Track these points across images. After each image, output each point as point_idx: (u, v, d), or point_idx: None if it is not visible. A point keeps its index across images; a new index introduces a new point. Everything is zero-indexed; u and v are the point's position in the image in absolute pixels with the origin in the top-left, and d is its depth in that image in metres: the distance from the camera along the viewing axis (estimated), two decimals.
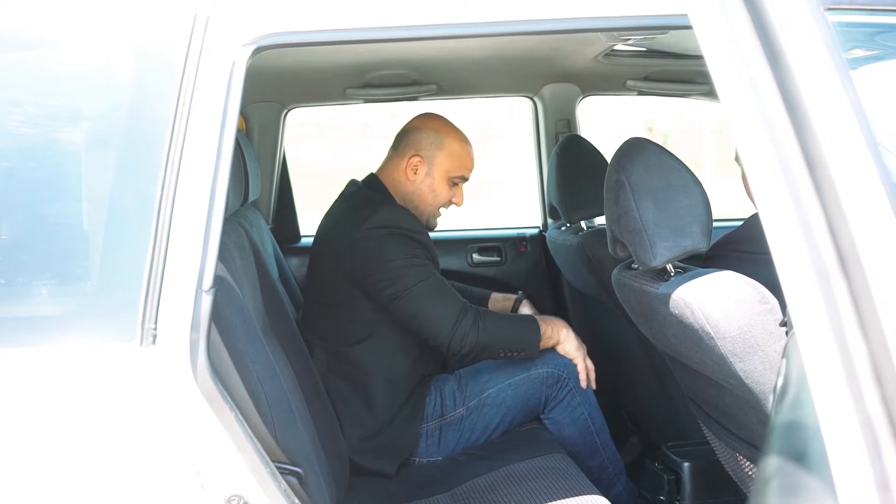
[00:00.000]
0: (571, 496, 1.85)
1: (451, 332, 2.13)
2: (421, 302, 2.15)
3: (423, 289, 2.15)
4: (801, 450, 0.71)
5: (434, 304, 2.15)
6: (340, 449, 2.07)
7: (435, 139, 2.36)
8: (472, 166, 2.41)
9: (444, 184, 2.36)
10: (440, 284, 2.19)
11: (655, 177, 1.68)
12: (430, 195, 2.36)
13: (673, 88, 3.05)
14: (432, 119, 2.41)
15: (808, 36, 0.92)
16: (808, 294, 0.72)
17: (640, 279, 1.79)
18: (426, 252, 2.23)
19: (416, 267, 2.17)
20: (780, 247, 0.77)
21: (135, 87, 1.32)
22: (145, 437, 1.23)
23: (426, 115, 2.45)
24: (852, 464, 0.63)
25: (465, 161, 2.38)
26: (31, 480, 1.22)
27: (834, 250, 0.71)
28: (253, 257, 1.96)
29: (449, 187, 2.38)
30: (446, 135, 2.37)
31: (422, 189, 2.36)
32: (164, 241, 1.23)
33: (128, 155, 1.29)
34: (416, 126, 2.40)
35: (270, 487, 1.29)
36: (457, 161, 2.37)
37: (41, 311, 1.28)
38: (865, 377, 0.66)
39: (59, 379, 1.22)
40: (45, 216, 1.30)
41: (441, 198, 2.38)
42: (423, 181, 2.35)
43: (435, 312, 2.14)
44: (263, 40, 1.32)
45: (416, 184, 2.35)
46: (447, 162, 2.36)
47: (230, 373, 1.33)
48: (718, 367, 1.62)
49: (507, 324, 2.24)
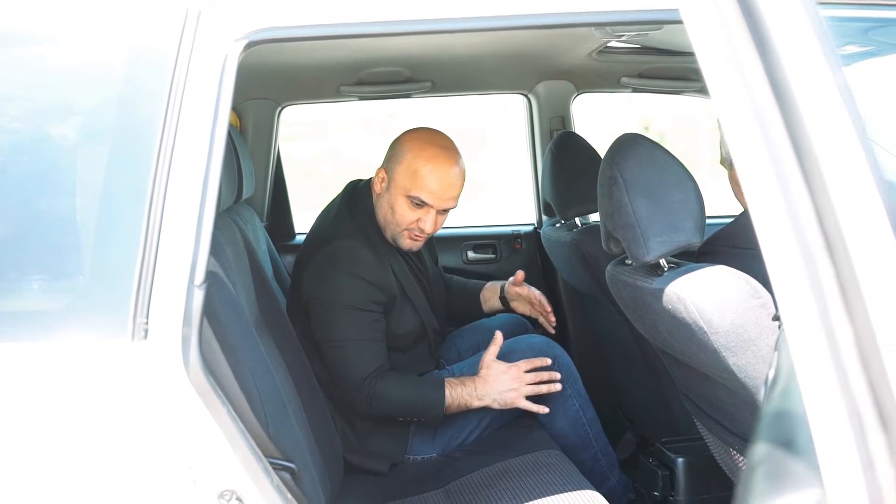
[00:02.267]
0: (565, 491, 1.85)
1: (356, 392, 2.14)
2: (342, 356, 2.15)
3: (349, 346, 2.15)
4: (789, 437, 0.71)
5: (351, 363, 2.14)
6: (335, 446, 2.07)
7: (400, 153, 2.23)
8: (435, 190, 2.18)
9: (403, 202, 2.20)
10: (367, 346, 2.16)
11: (649, 172, 1.68)
12: (388, 211, 2.24)
13: (667, 85, 3.05)
14: (412, 133, 2.29)
15: (799, 30, 0.93)
16: (794, 279, 0.72)
17: (634, 274, 1.79)
18: (371, 293, 2.18)
19: (355, 316, 2.15)
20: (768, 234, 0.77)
21: (127, 81, 1.32)
22: (137, 432, 1.23)
23: (415, 128, 2.32)
24: (838, 447, 0.63)
25: (423, 182, 2.17)
26: (23, 476, 1.22)
27: (821, 236, 0.71)
28: (246, 254, 1.96)
29: (410, 208, 2.20)
30: (410, 150, 2.21)
31: (382, 203, 2.25)
32: (155, 236, 1.23)
33: (119, 149, 1.29)
34: (397, 138, 2.31)
35: (263, 482, 1.28)
36: (412, 179, 2.18)
37: (32, 306, 1.28)
38: (851, 361, 0.66)
39: (51, 374, 1.22)
40: (37, 211, 1.30)
41: (401, 217, 2.22)
42: (384, 195, 2.25)
43: (349, 371, 2.14)
44: (255, 35, 1.32)
45: (380, 196, 2.27)
46: (403, 178, 2.19)
47: (222, 368, 1.33)
48: (711, 361, 1.62)
49: (407, 396, 2.17)
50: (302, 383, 1.95)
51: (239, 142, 2.39)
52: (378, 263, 2.22)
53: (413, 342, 2.35)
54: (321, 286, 2.17)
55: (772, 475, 0.67)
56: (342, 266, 2.17)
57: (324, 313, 2.16)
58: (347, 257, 2.19)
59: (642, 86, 3.06)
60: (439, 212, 2.24)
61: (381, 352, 2.18)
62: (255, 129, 3.23)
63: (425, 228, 2.23)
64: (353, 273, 2.16)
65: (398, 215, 2.23)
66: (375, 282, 2.19)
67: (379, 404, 2.14)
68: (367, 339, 2.16)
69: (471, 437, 2.30)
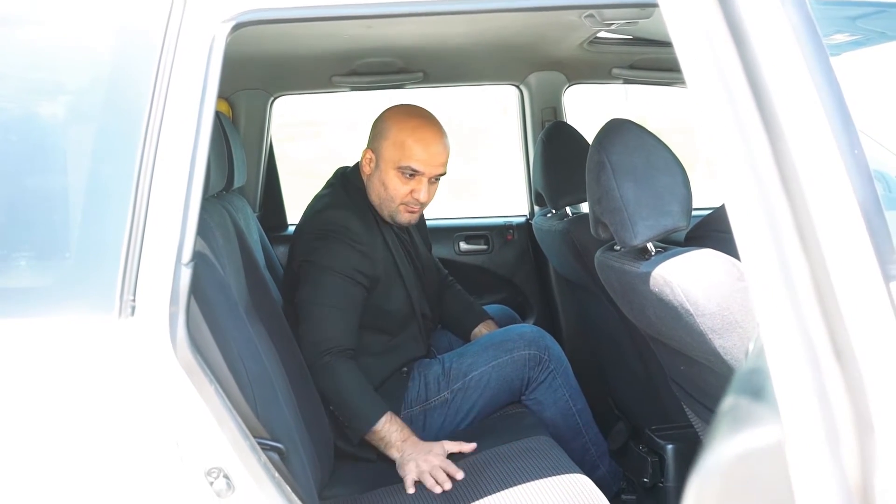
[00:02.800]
0: (554, 475, 1.86)
1: (313, 356, 2.11)
2: (314, 317, 2.14)
3: (324, 310, 2.14)
4: (755, 389, 0.72)
5: (319, 326, 2.13)
6: (325, 431, 2.07)
7: (383, 129, 2.27)
8: (424, 158, 2.22)
9: (394, 176, 2.24)
10: (339, 314, 2.15)
11: (636, 156, 1.69)
12: (381, 188, 2.27)
13: (658, 77, 3.06)
14: (393, 108, 2.33)
15: (775, 19, 0.93)
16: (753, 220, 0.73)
17: (622, 259, 1.80)
18: (358, 263, 2.19)
19: (336, 282, 2.15)
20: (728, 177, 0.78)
21: (114, 62, 1.32)
22: (124, 409, 1.23)
23: (393, 106, 2.36)
24: (794, 380, 0.65)
25: (412, 151, 2.22)
26: (10, 453, 1.23)
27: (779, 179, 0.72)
28: (237, 240, 1.96)
29: (401, 180, 2.24)
30: (394, 124, 2.26)
31: (374, 182, 2.29)
32: (143, 214, 1.23)
33: (107, 129, 1.30)
34: (378, 116, 2.34)
35: (251, 461, 1.29)
36: (400, 150, 2.22)
37: (19, 283, 1.29)
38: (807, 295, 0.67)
39: (38, 350, 1.23)
40: (24, 189, 1.31)
41: (394, 191, 2.25)
42: (374, 174, 2.28)
43: (313, 333, 2.12)
44: (243, 16, 1.32)
45: (370, 177, 2.30)
46: (391, 152, 2.24)
47: (210, 347, 1.34)
48: (698, 344, 1.63)
49: (351, 392, 2.11)
50: (292, 369, 1.96)
51: (231, 131, 2.40)
52: (368, 235, 2.25)
53: (402, 323, 2.35)
54: (313, 251, 2.19)
55: (734, 420, 0.68)
56: (336, 233, 2.20)
57: (311, 275, 2.17)
58: (340, 225, 2.22)
59: (633, 77, 3.07)
60: (430, 180, 2.27)
61: (351, 325, 2.17)
62: (247, 119, 3.23)
63: (420, 198, 2.26)
64: (346, 240, 2.19)
65: (391, 189, 2.26)
66: (364, 251, 2.21)
67: (326, 379, 2.10)
68: (341, 309, 2.16)
69: (462, 425, 2.31)
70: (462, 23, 2.43)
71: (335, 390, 2.12)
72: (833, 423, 0.62)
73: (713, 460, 0.64)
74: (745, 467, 0.64)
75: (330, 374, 2.12)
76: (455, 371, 2.31)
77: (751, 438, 0.66)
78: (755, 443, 0.65)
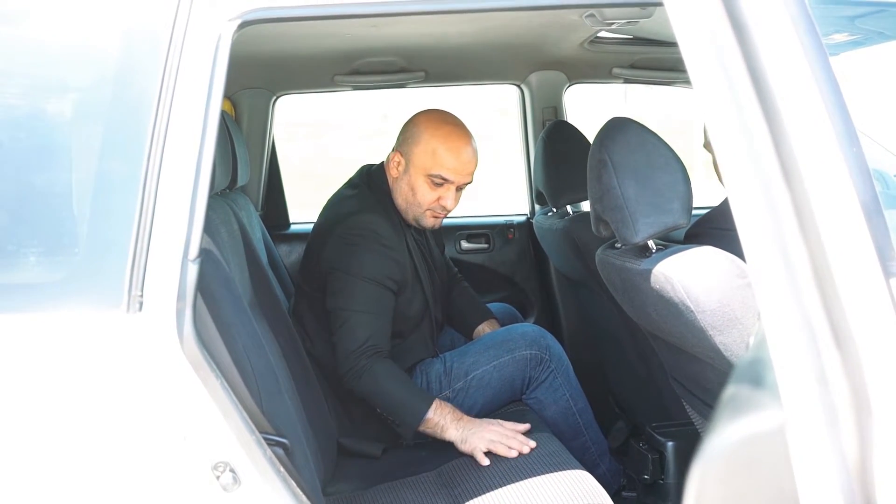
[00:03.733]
0: (555, 471, 1.88)
1: (351, 361, 2.12)
2: (348, 325, 2.14)
3: (358, 317, 2.14)
4: (756, 377, 0.74)
5: (353, 333, 2.13)
6: (329, 428, 2.09)
7: (415, 134, 2.28)
8: (455, 166, 2.25)
9: (423, 182, 2.26)
10: (374, 319, 2.16)
11: (637, 154, 1.70)
12: (409, 193, 2.29)
13: (659, 76, 3.07)
14: (425, 114, 2.34)
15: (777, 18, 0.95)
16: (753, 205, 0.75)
17: (623, 257, 1.82)
18: (390, 269, 2.20)
19: (369, 289, 2.16)
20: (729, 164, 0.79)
21: (121, 60, 1.33)
22: (131, 404, 1.24)
23: (426, 110, 2.37)
24: (794, 364, 0.66)
25: (443, 160, 2.23)
26: (16, 449, 1.24)
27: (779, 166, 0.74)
28: (241, 236, 1.98)
29: (430, 187, 2.26)
30: (426, 130, 2.27)
31: (402, 186, 2.30)
32: (150, 210, 1.24)
33: (115, 125, 1.31)
34: (409, 120, 2.35)
35: (256, 455, 1.30)
36: (432, 158, 2.24)
37: (29, 279, 1.30)
38: (806, 281, 0.68)
39: (46, 345, 1.23)
40: (34, 185, 1.32)
41: (421, 197, 2.27)
42: (402, 178, 2.30)
43: (348, 340, 2.13)
44: (249, 15, 1.33)
45: (397, 180, 2.31)
46: (422, 159, 2.25)
47: (216, 342, 1.35)
48: (699, 341, 1.64)
49: (394, 389, 2.12)
50: (295, 365, 1.97)
51: (234, 129, 2.41)
52: (397, 240, 2.26)
53: (416, 325, 2.36)
54: (345, 258, 2.18)
55: (736, 407, 0.69)
56: (367, 239, 2.20)
57: (343, 284, 2.16)
58: (372, 231, 2.22)
59: (634, 76, 3.08)
60: (458, 188, 2.29)
61: (384, 329, 2.18)
62: (249, 118, 3.24)
63: (447, 206, 2.29)
64: (378, 246, 2.20)
65: (419, 196, 2.28)
66: (395, 257, 2.22)
67: (367, 383, 2.11)
68: (375, 314, 2.17)
69: None
70: (464, 22, 2.44)
71: (379, 392, 2.12)
72: (832, 406, 0.64)
73: (715, 446, 0.65)
74: (746, 451, 0.65)
75: (370, 377, 2.11)
76: (457, 370, 2.32)
77: (752, 423, 0.67)
78: (756, 427, 0.66)
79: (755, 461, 0.65)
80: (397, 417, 2.13)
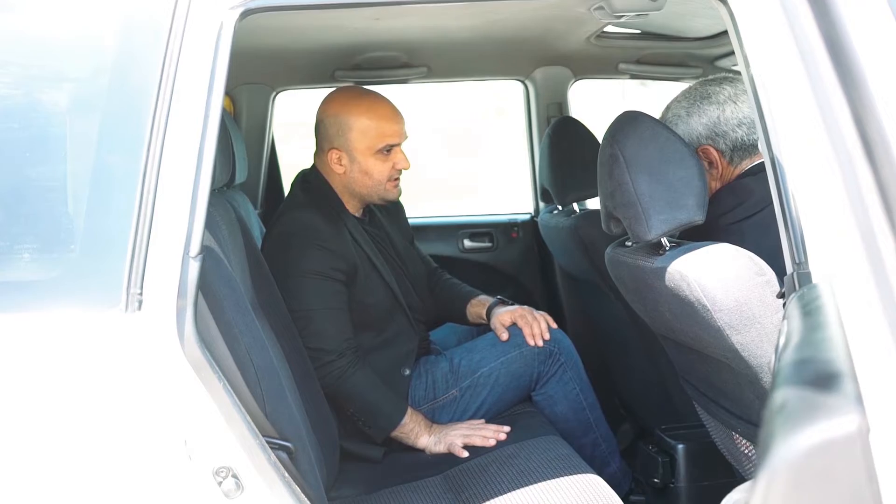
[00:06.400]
0: (565, 475, 1.83)
1: (327, 365, 2.10)
2: (311, 328, 2.11)
3: (316, 316, 2.12)
4: (812, 380, 0.69)
5: (320, 334, 2.12)
6: (331, 430, 2.04)
7: (340, 125, 2.24)
8: (395, 129, 2.24)
9: (374, 160, 2.24)
10: (333, 315, 2.14)
11: (650, 149, 1.65)
12: (366, 178, 2.26)
13: (665, 72, 3.03)
14: (331, 102, 2.29)
15: None
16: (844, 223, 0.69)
17: (635, 255, 1.77)
18: (332, 261, 2.17)
19: (318, 284, 2.14)
20: None
21: (120, 49, 1.29)
22: (131, 407, 1.20)
23: (326, 99, 2.32)
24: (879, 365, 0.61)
25: (381, 129, 2.22)
26: (13, 451, 1.19)
27: None
28: (241, 233, 1.93)
29: (382, 160, 2.24)
30: (349, 114, 2.23)
31: (355, 176, 2.26)
32: (150, 205, 1.20)
33: (113, 117, 1.26)
34: (320, 117, 2.30)
35: (260, 460, 1.26)
36: (371, 134, 2.22)
37: (23, 276, 1.25)
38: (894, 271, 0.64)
39: (42, 346, 1.19)
40: (27, 179, 1.27)
41: (379, 174, 2.26)
42: (352, 168, 2.25)
43: (318, 342, 2.11)
44: (252, 3, 1.30)
45: (348, 174, 2.27)
46: (362, 140, 2.23)
47: (218, 342, 1.30)
48: (715, 341, 1.60)
49: (371, 394, 2.14)
50: (297, 365, 1.92)
51: (232, 126, 2.36)
52: (334, 231, 2.21)
53: (388, 316, 2.30)
54: (280, 257, 2.16)
55: (797, 414, 0.64)
56: (300, 236, 2.18)
57: (292, 284, 2.14)
58: (300, 227, 2.20)
59: (640, 72, 3.05)
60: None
61: (346, 323, 2.16)
62: (249, 114, 3.20)
63: (404, 167, 2.29)
64: (308, 240, 2.17)
65: (377, 174, 2.26)
66: (332, 248, 2.18)
67: (345, 386, 2.11)
68: (331, 309, 2.15)
69: None
70: (468, 16, 2.40)
71: (353, 396, 2.13)
72: None
73: (781, 456, 0.61)
74: (820, 459, 0.60)
75: (345, 381, 2.11)
76: (464, 368, 2.28)
77: (824, 430, 0.62)
78: (830, 433, 0.61)
79: (830, 469, 0.61)
80: (371, 421, 2.14)
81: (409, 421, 2.14)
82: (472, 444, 2.09)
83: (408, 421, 2.14)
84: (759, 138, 1.37)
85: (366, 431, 2.16)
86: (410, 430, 2.14)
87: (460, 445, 2.09)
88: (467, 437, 2.10)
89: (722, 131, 1.93)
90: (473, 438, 2.10)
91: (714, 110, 1.94)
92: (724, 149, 1.94)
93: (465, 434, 2.11)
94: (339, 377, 2.10)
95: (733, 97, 1.95)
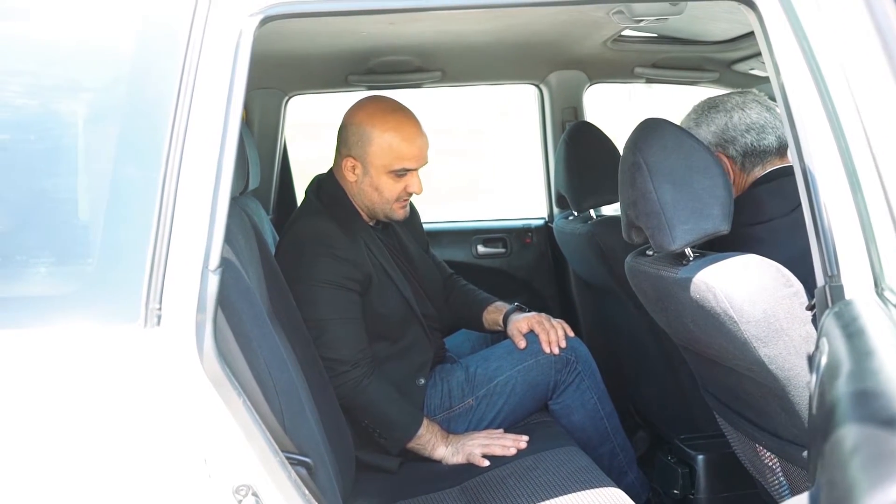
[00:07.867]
0: (585, 488, 1.80)
1: (342, 375, 2.08)
2: (325, 338, 2.08)
3: (330, 326, 2.09)
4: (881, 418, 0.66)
5: (335, 344, 2.08)
6: (347, 441, 2.01)
7: (361, 135, 2.18)
8: (415, 154, 2.18)
9: (387, 178, 2.19)
10: (348, 325, 2.11)
11: (674, 158, 1.62)
12: (374, 193, 2.21)
13: (682, 76, 3.00)
14: (359, 110, 2.23)
15: None
16: None
17: (657, 265, 1.74)
18: (346, 270, 2.13)
19: (332, 294, 2.11)
20: None
21: (137, 58, 1.26)
22: (150, 424, 1.17)
23: (356, 105, 2.25)
24: None
25: (401, 151, 2.16)
26: (32, 468, 1.16)
27: None
28: (257, 243, 1.90)
29: (394, 181, 2.19)
30: (373, 127, 2.17)
31: (364, 189, 2.22)
32: (168, 218, 1.17)
33: (131, 128, 1.24)
34: (345, 122, 2.25)
35: (280, 477, 1.23)
36: (390, 154, 2.16)
37: (40, 291, 1.22)
38: None
39: (60, 361, 1.16)
40: (44, 191, 1.25)
41: (388, 193, 2.20)
42: (363, 180, 2.21)
43: (333, 352, 2.07)
44: (272, 10, 1.28)
45: (358, 184, 2.23)
46: (380, 157, 2.17)
47: (237, 358, 1.28)
48: (740, 353, 1.57)
49: (386, 405, 2.11)
50: (313, 377, 1.89)
51: (245, 132, 2.34)
52: (348, 240, 2.18)
53: (402, 324, 2.27)
54: (293, 266, 2.13)
55: (878, 462, 0.61)
56: (314, 244, 2.15)
57: (306, 294, 2.10)
58: (313, 234, 2.17)
59: (657, 76, 3.02)
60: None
61: (361, 333, 2.13)
62: (261, 119, 3.18)
63: (415, 191, 2.24)
64: (325, 249, 2.14)
65: (386, 192, 2.22)
66: (347, 257, 2.15)
67: (360, 397, 2.09)
68: (350, 318, 2.12)
69: None
70: (483, 20, 2.37)
71: (368, 407, 2.10)
72: None
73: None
74: None
75: (360, 391, 2.09)
76: (480, 376, 2.25)
77: None
78: None
79: None
80: (387, 433, 2.12)
81: (426, 432, 2.12)
82: (491, 453, 2.07)
83: (424, 432, 2.12)
84: (790, 148, 1.34)
85: (381, 443, 2.13)
86: (427, 441, 2.12)
87: (479, 455, 2.07)
88: (486, 446, 2.08)
89: (731, 137, 1.94)
90: (493, 448, 2.08)
91: (722, 117, 1.95)
92: (734, 155, 1.94)
93: (484, 444, 2.09)
94: (354, 388, 2.08)
95: (741, 105, 1.96)
